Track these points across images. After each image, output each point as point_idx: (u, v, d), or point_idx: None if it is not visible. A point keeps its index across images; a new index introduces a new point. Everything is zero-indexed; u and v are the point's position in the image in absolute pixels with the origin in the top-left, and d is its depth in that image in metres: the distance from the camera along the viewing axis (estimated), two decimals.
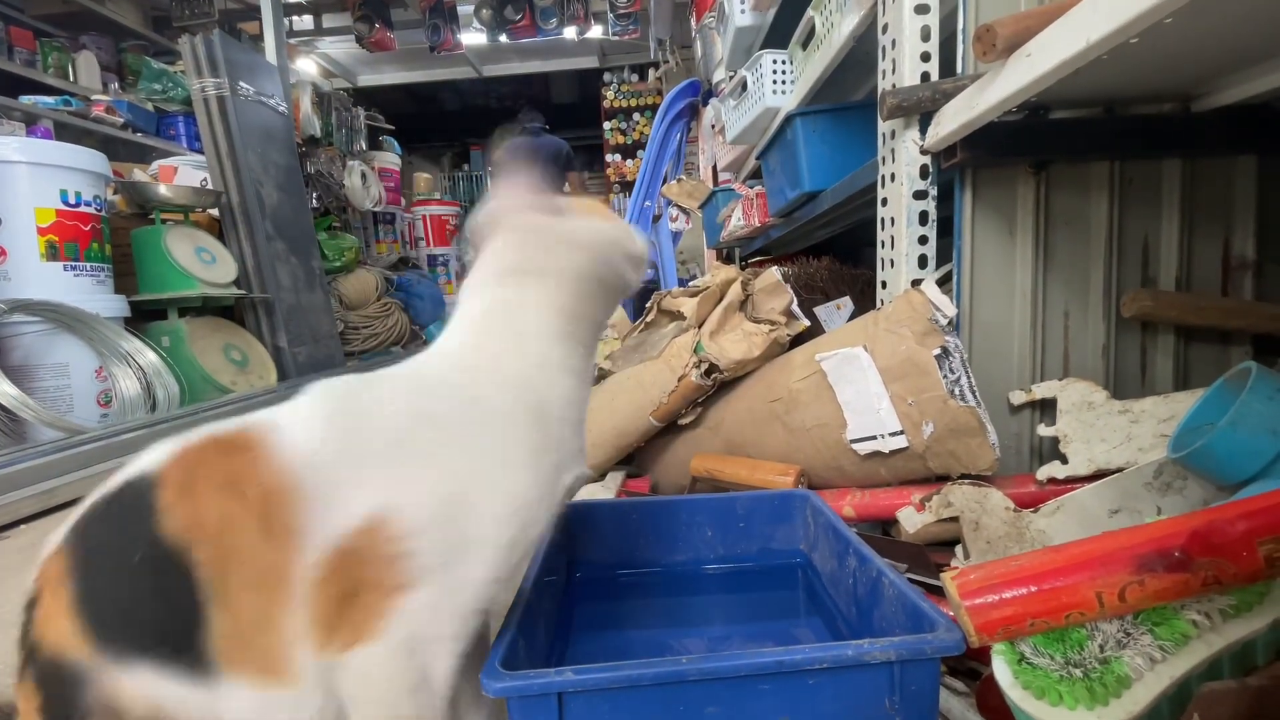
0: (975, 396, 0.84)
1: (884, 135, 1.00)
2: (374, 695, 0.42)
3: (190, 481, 0.41)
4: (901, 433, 0.87)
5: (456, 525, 0.44)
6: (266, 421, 0.45)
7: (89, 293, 2.22)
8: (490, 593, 0.46)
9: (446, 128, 7.66)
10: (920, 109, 0.90)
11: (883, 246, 1.02)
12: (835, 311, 1.45)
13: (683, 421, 1.16)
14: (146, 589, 0.40)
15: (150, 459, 0.43)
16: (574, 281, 0.54)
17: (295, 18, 4.84)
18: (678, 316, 1.25)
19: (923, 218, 0.95)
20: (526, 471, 0.48)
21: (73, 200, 2.18)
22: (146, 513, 0.40)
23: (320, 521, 0.42)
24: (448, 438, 0.46)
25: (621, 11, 4.54)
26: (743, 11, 1.88)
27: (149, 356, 2.23)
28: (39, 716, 0.41)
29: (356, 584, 0.42)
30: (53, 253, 2.14)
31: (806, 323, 1.18)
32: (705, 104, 2.76)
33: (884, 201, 1.01)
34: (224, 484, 0.41)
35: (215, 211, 2.90)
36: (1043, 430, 0.89)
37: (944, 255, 0.97)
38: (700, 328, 1.16)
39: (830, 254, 1.81)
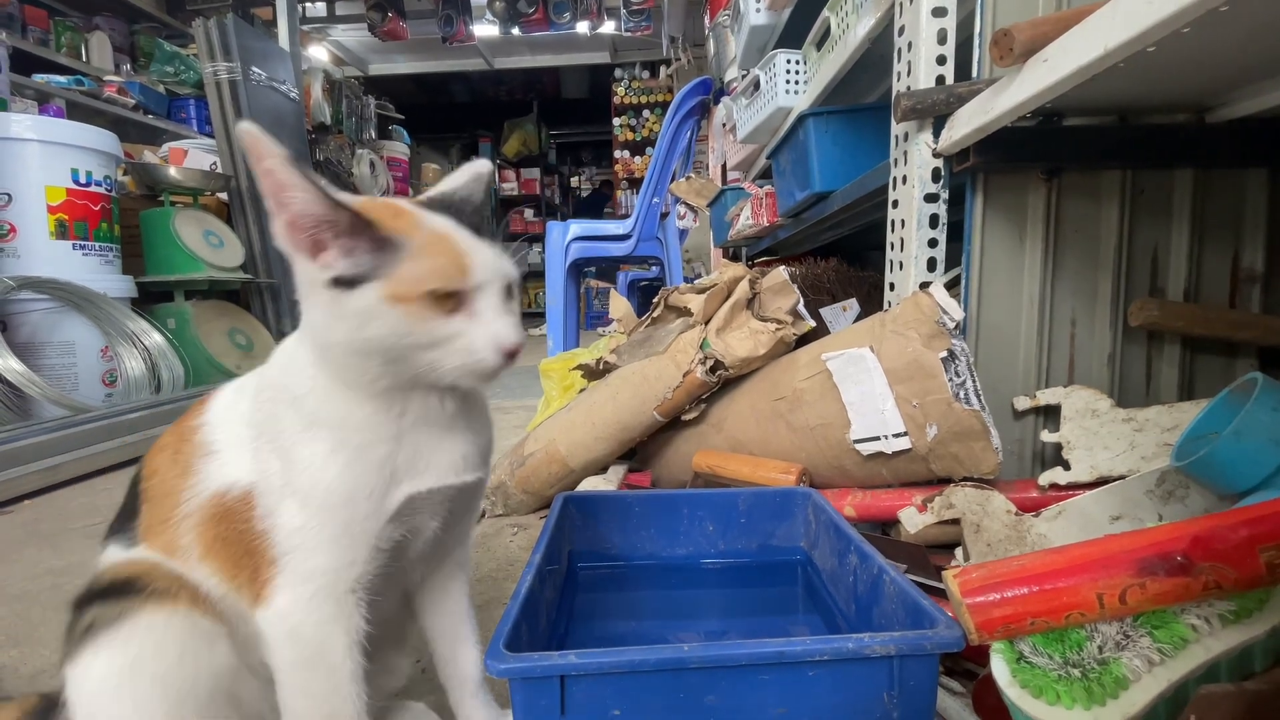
0: (980, 400, 0.84)
1: (897, 137, 1.00)
2: (274, 659, 0.48)
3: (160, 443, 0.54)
4: (905, 434, 0.87)
5: (296, 514, 0.47)
6: (230, 383, 0.54)
7: (97, 272, 2.23)
8: (353, 575, 0.48)
9: (456, 119, 7.65)
10: (934, 112, 0.90)
11: (892, 249, 1.03)
12: (841, 313, 1.45)
13: (686, 417, 1.16)
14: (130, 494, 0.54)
15: None
16: None
17: (308, 4, 4.84)
18: (684, 312, 1.25)
19: (933, 221, 0.95)
20: (335, 471, 0.47)
21: (83, 179, 2.19)
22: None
23: (206, 471, 0.50)
24: (293, 428, 0.48)
25: (634, 8, 4.53)
26: (758, 10, 1.88)
27: (155, 338, 2.24)
28: None
29: (241, 542, 0.48)
30: (62, 231, 2.14)
31: (812, 323, 1.18)
32: (716, 102, 2.76)
33: (895, 204, 1.01)
34: (177, 423, 0.53)
35: (224, 195, 2.91)
36: (1046, 436, 0.89)
37: (953, 259, 0.97)
38: (707, 324, 1.17)
39: (837, 256, 1.81)
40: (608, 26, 4.88)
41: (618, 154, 6.39)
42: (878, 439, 0.89)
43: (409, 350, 0.45)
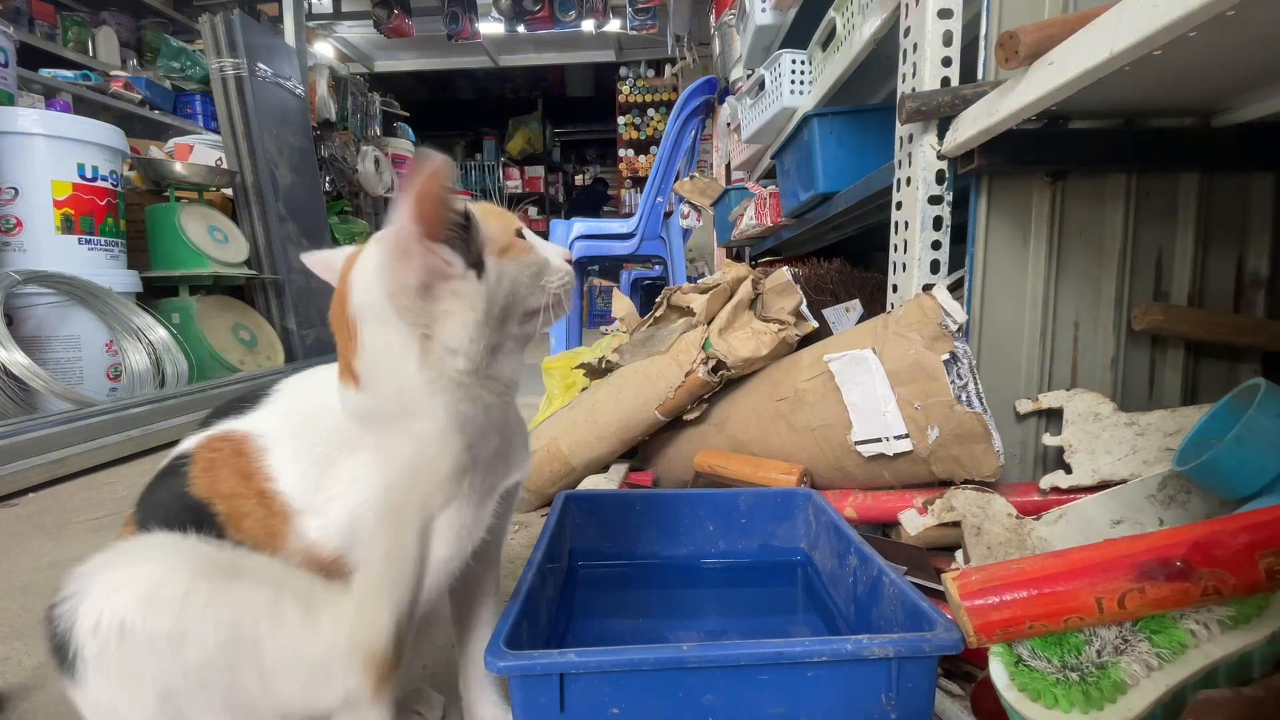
0: (982, 403, 0.84)
1: (901, 139, 1.00)
2: None
3: (212, 465, 0.54)
4: (906, 436, 0.87)
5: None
6: (261, 434, 0.55)
7: (102, 267, 2.24)
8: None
9: (461, 116, 7.66)
10: (939, 114, 0.90)
11: (895, 250, 1.03)
12: (844, 314, 1.45)
13: (688, 417, 1.16)
14: (183, 520, 0.53)
15: (185, 446, 0.56)
16: None
17: (314, 1, 4.85)
18: (687, 312, 1.25)
19: (937, 223, 0.95)
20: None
21: (89, 174, 2.19)
22: (183, 479, 0.54)
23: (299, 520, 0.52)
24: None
25: (640, 6, 4.53)
26: (764, 10, 1.88)
27: (159, 333, 2.24)
28: None
29: (328, 571, 0.51)
30: (68, 226, 2.15)
31: (815, 324, 1.18)
32: (721, 102, 2.76)
33: (898, 205, 1.01)
34: (238, 473, 0.54)
35: (229, 191, 2.91)
36: (1048, 439, 0.89)
37: (956, 261, 0.97)
38: (709, 324, 1.17)
39: (841, 257, 1.81)
40: (613, 25, 4.88)
41: (622, 152, 6.39)
42: (879, 440, 0.89)
43: (534, 286, 0.51)
